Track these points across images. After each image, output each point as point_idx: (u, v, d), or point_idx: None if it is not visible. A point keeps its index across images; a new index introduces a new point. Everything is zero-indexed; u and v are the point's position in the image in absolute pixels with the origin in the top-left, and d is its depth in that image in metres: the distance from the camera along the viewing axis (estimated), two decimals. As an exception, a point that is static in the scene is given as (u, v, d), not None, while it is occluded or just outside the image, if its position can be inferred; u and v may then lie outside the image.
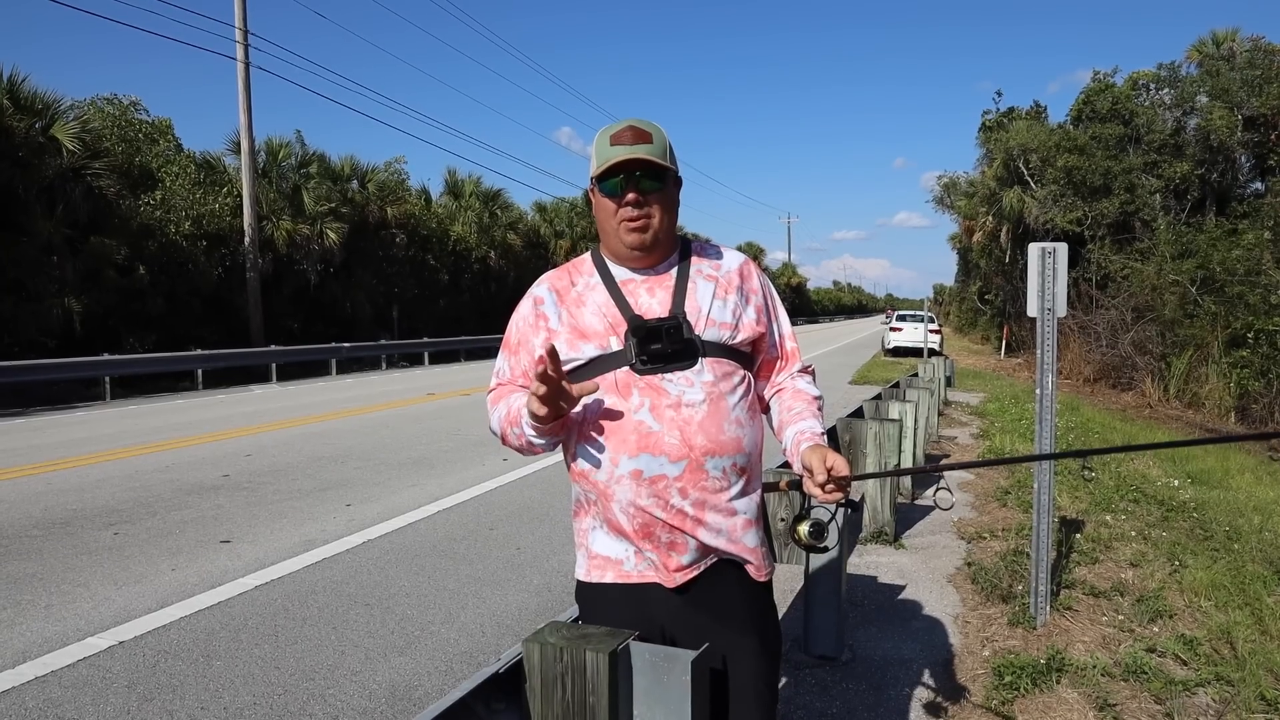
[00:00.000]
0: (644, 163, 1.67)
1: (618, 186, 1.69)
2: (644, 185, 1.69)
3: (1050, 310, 4.08)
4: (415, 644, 3.88)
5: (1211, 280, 17.38)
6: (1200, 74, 24.80)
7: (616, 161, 1.66)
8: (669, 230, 1.75)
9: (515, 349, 1.84)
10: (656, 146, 1.69)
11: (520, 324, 1.83)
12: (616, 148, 1.68)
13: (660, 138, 1.71)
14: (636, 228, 1.70)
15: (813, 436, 1.74)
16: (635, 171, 1.68)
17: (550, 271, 1.88)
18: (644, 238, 1.71)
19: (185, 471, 7.73)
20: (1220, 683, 3.43)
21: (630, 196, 1.68)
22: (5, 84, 16.59)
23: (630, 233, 1.70)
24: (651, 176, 1.69)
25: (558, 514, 6.19)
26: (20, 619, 4.14)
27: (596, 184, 1.72)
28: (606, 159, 1.68)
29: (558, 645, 1.53)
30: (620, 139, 1.69)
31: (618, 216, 1.70)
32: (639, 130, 1.69)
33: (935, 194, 38.76)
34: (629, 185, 1.68)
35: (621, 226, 1.70)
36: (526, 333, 1.82)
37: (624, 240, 1.71)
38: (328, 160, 26.02)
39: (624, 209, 1.69)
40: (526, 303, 1.84)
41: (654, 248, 1.74)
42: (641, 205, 1.69)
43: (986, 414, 12.43)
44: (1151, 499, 6.72)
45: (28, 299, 15.99)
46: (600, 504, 1.71)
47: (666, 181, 1.72)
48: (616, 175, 1.68)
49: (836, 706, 3.36)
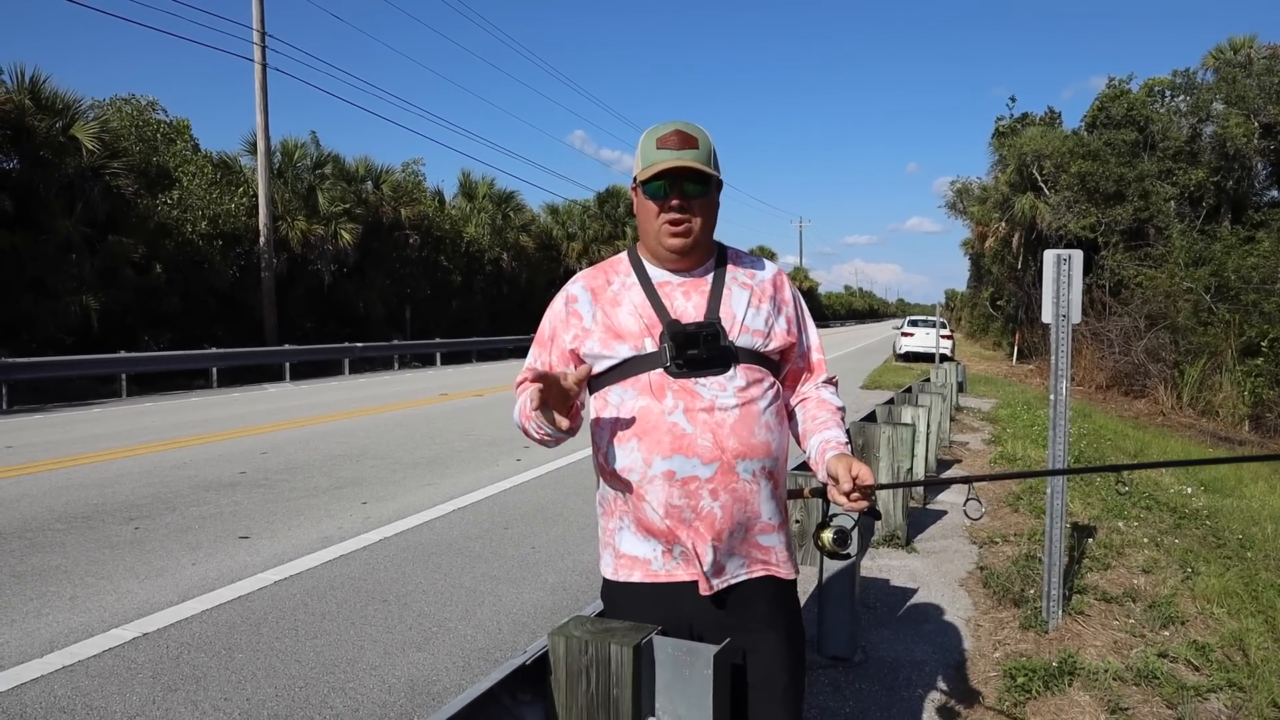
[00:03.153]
0: (690, 170, 1.69)
1: (662, 190, 1.71)
2: (689, 190, 1.71)
3: (1065, 316, 4.11)
4: (433, 640, 3.94)
5: (1226, 288, 17.32)
6: (1217, 81, 24.70)
7: (664, 169, 1.68)
8: (709, 235, 1.78)
9: (547, 344, 1.85)
10: (702, 152, 1.71)
11: (553, 319, 1.86)
12: (663, 152, 1.70)
13: (705, 142, 1.73)
14: (679, 232, 1.73)
15: (838, 445, 1.77)
16: (680, 177, 1.70)
17: (586, 270, 1.91)
18: (686, 242, 1.74)
19: (202, 468, 7.82)
20: (1232, 689, 3.45)
21: (675, 202, 1.71)
22: (27, 84, 16.79)
23: (672, 237, 1.73)
24: (696, 181, 1.71)
25: (572, 514, 6.24)
26: (47, 610, 4.22)
27: (641, 186, 1.74)
28: (652, 163, 1.70)
29: (583, 638, 1.57)
30: (666, 143, 1.70)
31: (660, 220, 1.73)
32: (685, 135, 1.71)
33: (948, 199, 38.74)
34: (674, 191, 1.70)
35: (663, 230, 1.73)
36: (558, 328, 1.84)
37: (665, 244, 1.74)
38: (342, 161, 26.20)
39: (667, 213, 1.72)
40: (559, 299, 1.87)
41: (694, 251, 1.76)
42: (685, 210, 1.71)
43: (998, 420, 12.42)
44: (1164, 506, 6.72)
45: (47, 296, 16.17)
46: (631, 503, 1.74)
47: (710, 187, 1.74)
48: (661, 179, 1.70)
49: (849, 707, 3.39)
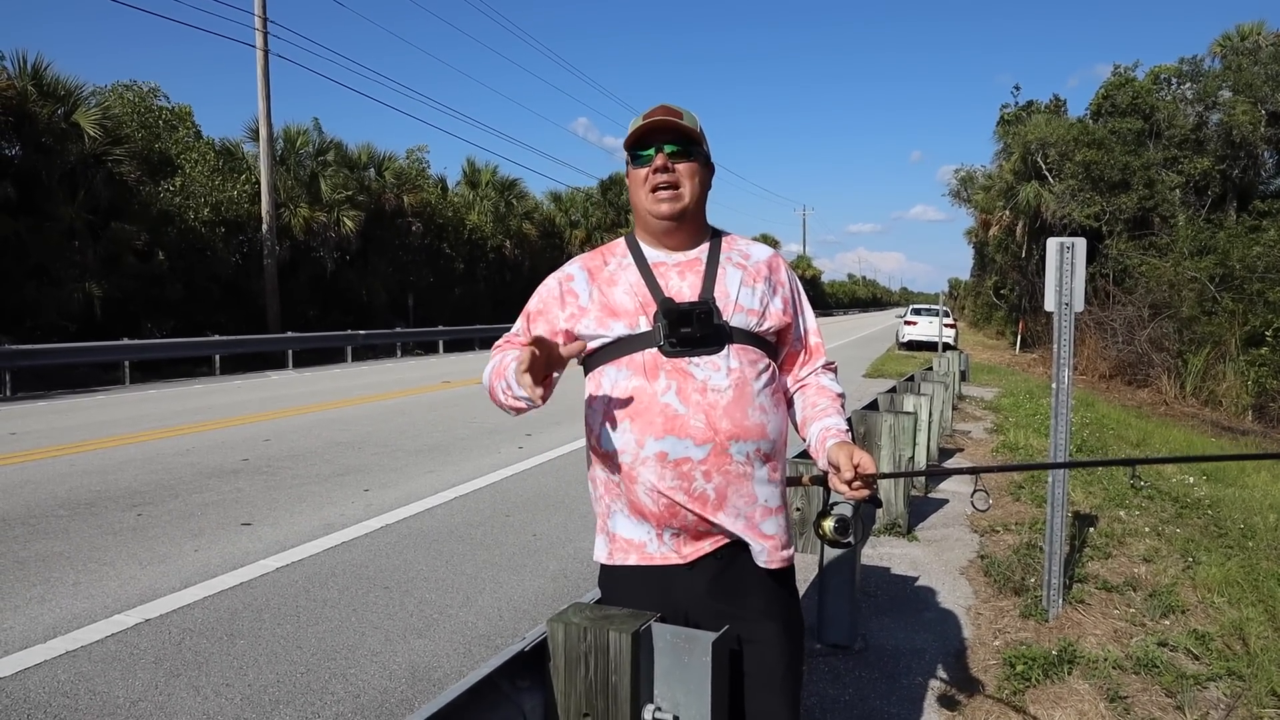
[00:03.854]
0: (673, 127, 1.73)
1: (648, 158, 1.75)
2: (672, 150, 1.74)
3: (1068, 305, 4.09)
4: (434, 626, 3.95)
5: (1231, 277, 17.23)
6: (1224, 68, 24.51)
7: (645, 125, 1.73)
8: (699, 206, 1.79)
9: (534, 318, 1.88)
10: (686, 120, 1.75)
11: (545, 295, 1.88)
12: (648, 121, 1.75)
13: (691, 118, 1.77)
14: (667, 196, 1.74)
15: (838, 433, 1.76)
16: (665, 143, 1.74)
17: (582, 254, 1.92)
18: (675, 207, 1.75)
19: (205, 455, 7.84)
20: (1232, 677, 3.45)
21: (659, 161, 1.74)
22: (30, 70, 16.74)
23: (660, 201, 1.75)
24: (680, 143, 1.74)
25: (573, 502, 6.25)
26: (50, 595, 4.24)
27: (630, 159, 1.79)
28: (636, 126, 1.75)
29: (581, 625, 1.57)
30: (651, 114, 1.75)
31: (647, 184, 1.76)
32: (669, 108, 1.76)
33: (952, 187, 38.60)
34: (658, 153, 1.74)
35: (651, 197, 1.75)
36: (550, 304, 1.85)
37: (654, 210, 1.76)
38: (345, 148, 26.15)
39: (654, 175, 1.74)
40: (553, 279, 1.89)
41: (684, 220, 1.77)
42: (668, 171, 1.74)
43: (1001, 409, 12.41)
44: (1166, 495, 6.72)
45: (49, 283, 16.18)
46: (624, 485, 1.73)
47: (695, 154, 1.76)
48: (644, 144, 1.75)
49: (849, 694, 3.40)
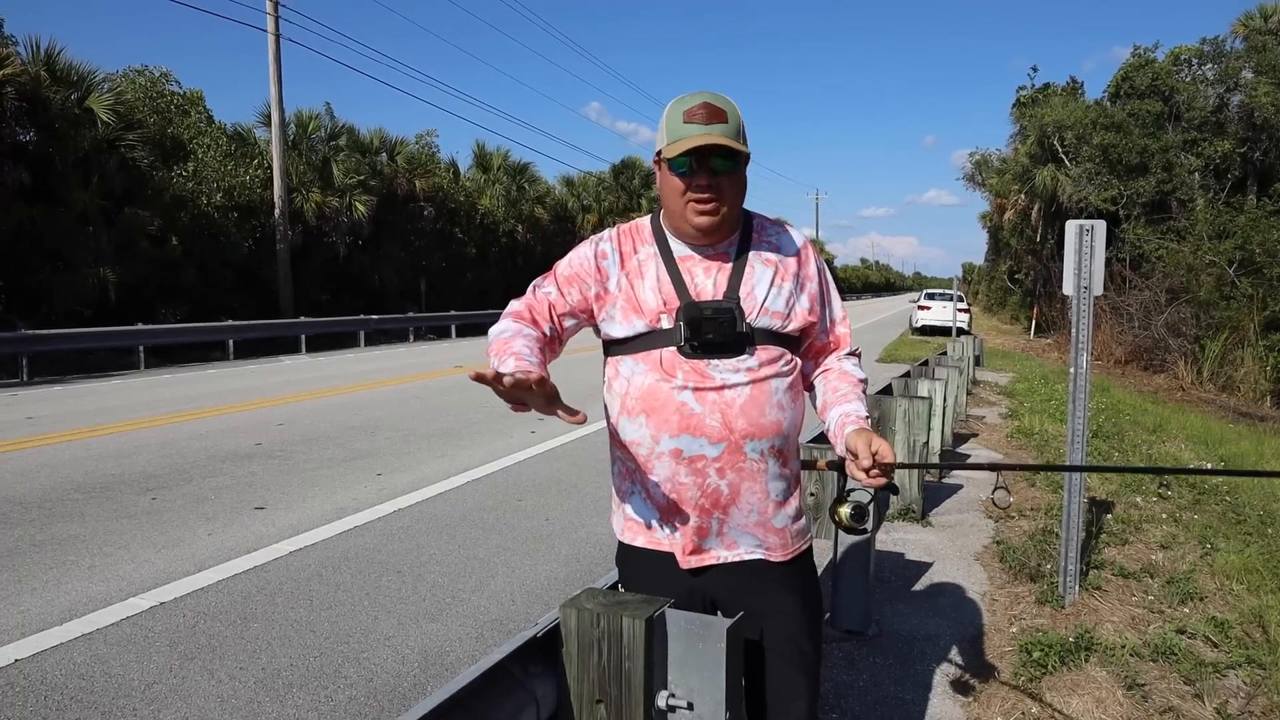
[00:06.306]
0: (718, 147, 1.58)
1: (689, 168, 1.61)
2: (717, 166, 1.61)
3: (1086, 289, 4.03)
4: (447, 610, 3.95)
5: (1250, 262, 17.04)
6: (1246, 49, 24.12)
7: (693, 146, 1.57)
8: (736, 211, 1.70)
9: (563, 284, 1.77)
10: (730, 126, 1.60)
11: (578, 264, 1.77)
12: (691, 127, 1.59)
13: (735, 115, 1.62)
14: (706, 211, 1.63)
15: (858, 420, 1.72)
16: (709, 154, 1.59)
17: (613, 229, 1.81)
18: (713, 220, 1.64)
19: (219, 439, 7.87)
20: (1251, 665, 3.41)
21: (703, 182, 1.61)
22: (43, 55, 16.76)
23: (699, 215, 1.63)
24: (725, 157, 1.61)
25: (586, 486, 6.25)
26: (66, 578, 4.26)
27: (666, 162, 1.64)
28: (679, 139, 1.59)
29: (594, 611, 1.55)
30: (694, 116, 1.60)
31: (685, 197, 1.63)
32: (714, 108, 1.60)
33: (966, 171, 38.35)
34: (701, 169, 1.60)
35: (690, 208, 1.63)
36: (584, 273, 1.75)
37: (691, 221, 1.65)
38: (357, 133, 26.11)
39: (694, 192, 1.62)
40: (588, 247, 1.78)
41: (720, 228, 1.68)
42: (712, 189, 1.61)
43: (1015, 394, 12.32)
44: (1183, 481, 6.65)
45: (64, 269, 16.26)
46: (640, 475, 1.74)
47: (739, 163, 1.64)
48: (688, 155, 1.59)
49: (864, 680, 3.38)
